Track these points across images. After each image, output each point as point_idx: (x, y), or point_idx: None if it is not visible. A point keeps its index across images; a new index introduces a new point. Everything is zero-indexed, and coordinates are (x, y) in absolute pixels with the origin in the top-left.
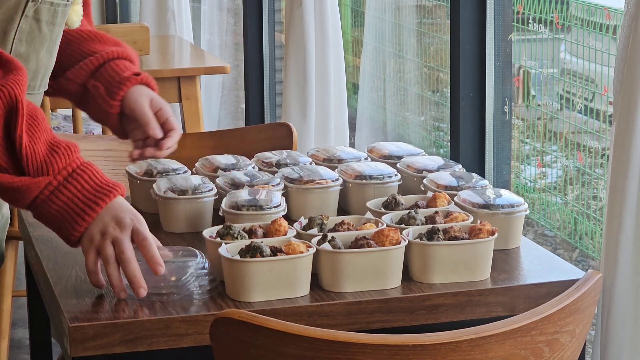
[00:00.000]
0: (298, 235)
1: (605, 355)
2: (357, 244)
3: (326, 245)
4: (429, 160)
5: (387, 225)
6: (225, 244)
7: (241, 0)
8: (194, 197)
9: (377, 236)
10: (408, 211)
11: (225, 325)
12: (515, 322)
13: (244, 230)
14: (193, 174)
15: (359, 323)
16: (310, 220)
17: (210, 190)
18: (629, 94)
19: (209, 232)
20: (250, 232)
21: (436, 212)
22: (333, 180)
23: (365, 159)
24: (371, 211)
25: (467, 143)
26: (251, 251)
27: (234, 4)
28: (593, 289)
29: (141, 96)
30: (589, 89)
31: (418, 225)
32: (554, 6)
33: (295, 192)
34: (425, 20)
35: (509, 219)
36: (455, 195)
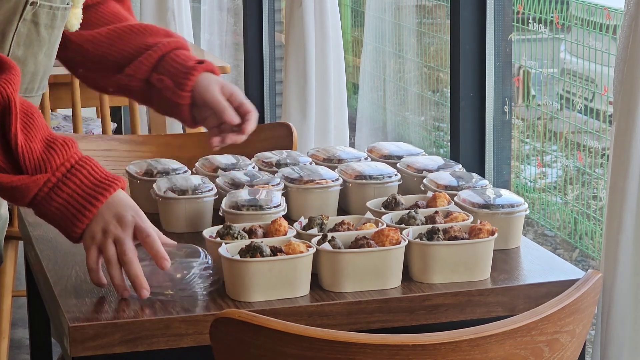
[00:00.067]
0: (298, 235)
1: (605, 355)
2: (357, 244)
3: (326, 245)
4: (429, 160)
5: (387, 225)
6: (225, 244)
7: (241, 0)
8: (194, 197)
9: (377, 236)
10: (408, 211)
11: (225, 325)
12: (515, 322)
13: (244, 230)
14: (193, 174)
15: (359, 323)
16: (310, 220)
17: (210, 190)
18: (629, 94)
19: (209, 232)
20: (250, 232)
21: (436, 212)
22: (333, 180)
23: (365, 159)
24: (371, 211)
25: (467, 143)
26: (251, 251)
27: (234, 4)
28: (593, 289)
29: (211, 84)
30: (589, 89)
31: (418, 225)
32: (554, 6)
33: (295, 192)
34: (425, 20)
35: (509, 219)
36: (455, 195)
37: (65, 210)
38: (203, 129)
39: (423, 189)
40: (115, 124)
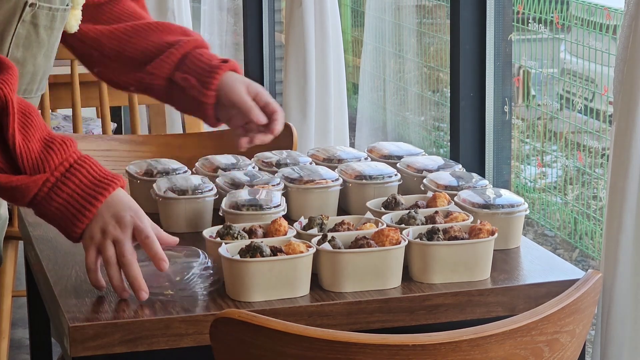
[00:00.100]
0: (298, 235)
1: (605, 355)
2: (357, 244)
3: (326, 245)
4: (429, 160)
5: (387, 225)
6: (225, 244)
7: (241, 0)
8: (194, 197)
9: (377, 236)
10: (408, 211)
11: (225, 325)
12: (515, 322)
13: (244, 230)
14: (193, 174)
15: (359, 323)
16: (310, 220)
17: (210, 190)
18: (629, 94)
19: (209, 232)
20: (250, 232)
21: (436, 212)
22: (333, 180)
23: (365, 159)
24: (371, 211)
25: (467, 143)
26: (251, 251)
27: (234, 4)
28: (593, 289)
29: (237, 83)
30: (589, 89)
31: (418, 225)
32: (554, 6)
33: (295, 192)
34: (425, 20)
35: (509, 219)
36: (455, 195)
37: (65, 210)
38: (203, 129)
39: (423, 189)
40: (115, 124)
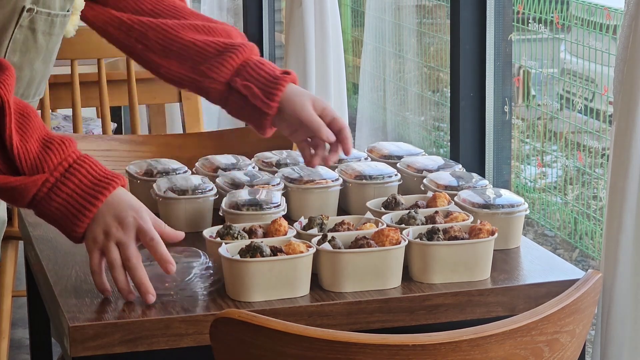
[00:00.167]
0: (298, 235)
1: (605, 355)
2: (357, 243)
3: (326, 245)
4: (429, 160)
5: (387, 225)
6: (225, 244)
7: (241, 0)
8: (194, 197)
9: (377, 236)
10: (408, 211)
11: (225, 325)
12: (515, 322)
13: (244, 230)
14: (193, 173)
15: (359, 323)
16: (310, 220)
17: (210, 190)
18: (629, 94)
19: (209, 232)
20: (250, 232)
21: (436, 212)
22: (333, 180)
23: (365, 159)
24: (371, 211)
25: (467, 143)
26: (251, 251)
27: (234, 4)
28: (593, 289)
29: (302, 98)
30: (589, 89)
31: (418, 225)
32: (554, 6)
33: (295, 192)
34: (425, 20)
35: (509, 219)
36: (455, 195)
37: (66, 210)
38: (203, 129)
39: (423, 189)
40: (115, 124)
